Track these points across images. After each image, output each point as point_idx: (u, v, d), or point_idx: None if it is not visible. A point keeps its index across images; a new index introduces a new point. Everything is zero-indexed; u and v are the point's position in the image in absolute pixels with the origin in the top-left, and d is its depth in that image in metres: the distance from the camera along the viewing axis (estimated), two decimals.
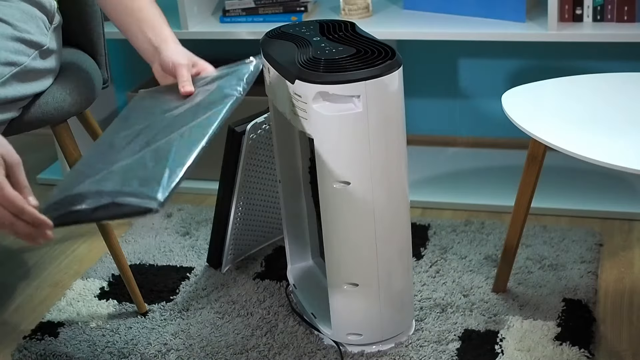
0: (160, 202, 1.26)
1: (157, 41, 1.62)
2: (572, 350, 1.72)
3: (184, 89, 1.55)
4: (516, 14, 2.25)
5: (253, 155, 1.96)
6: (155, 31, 1.63)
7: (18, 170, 1.31)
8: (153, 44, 1.62)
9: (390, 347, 1.77)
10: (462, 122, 2.65)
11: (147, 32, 1.63)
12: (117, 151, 1.44)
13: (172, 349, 1.82)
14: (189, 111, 1.49)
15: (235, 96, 1.49)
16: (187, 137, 1.40)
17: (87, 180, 1.36)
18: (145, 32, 1.63)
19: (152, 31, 1.63)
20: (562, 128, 1.62)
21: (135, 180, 1.31)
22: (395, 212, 1.66)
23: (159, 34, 1.63)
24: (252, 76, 1.56)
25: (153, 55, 1.62)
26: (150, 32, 1.63)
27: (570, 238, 2.10)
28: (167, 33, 1.64)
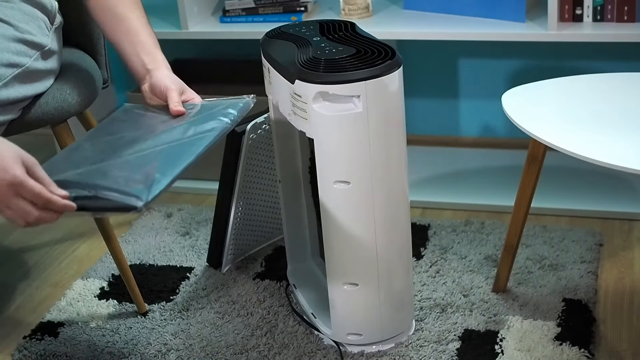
0: (144, 203, 1.28)
1: (151, 65, 1.65)
2: (572, 350, 1.72)
3: (176, 108, 1.57)
4: (516, 14, 2.25)
5: (253, 155, 1.96)
6: (150, 56, 1.66)
7: (37, 169, 1.35)
8: (146, 67, 1.65)
9: (390, 347, 1.78)
10: (462, 122, 2.65)
11: (142, 55, 1.66)
12: (99, 151, 1.46)
13: (172, 349, 1.82)
14: (179, 129, 1.51)
15: (226, 122, 1.51)
16: (176, 149, 1.42)
17: (70, 172, 1.38)
18: (140, 55, 1.66)
19: (147, 55, 1.66)
20: (562, 128, 1.62)
21: (121, 178, 1.33)
22: (395, 212, 1.66)
23: (153, 58, 1.66)
24: (244, 110, 1.58)
25: (144, 76, 1.65)
26: (146, 56, 1.66)
27: (570, 238, 2.10)
28: (160, 58, 1.68)
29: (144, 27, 1.70)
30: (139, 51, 1.67)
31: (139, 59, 1.66)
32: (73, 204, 1.34)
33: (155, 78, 1.63)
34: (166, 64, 1.67)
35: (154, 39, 1.70)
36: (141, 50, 1.67)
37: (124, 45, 1.69)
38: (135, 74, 1.68)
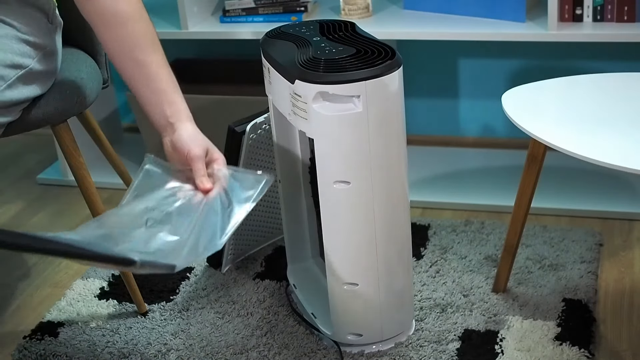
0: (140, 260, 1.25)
1: (173, 118, 1.54)
2: (572, 350, 1.72)
3: (203, 185, 1.48)
4: (516, 14, 2.25)
5: (253, 155, 1.96)
6: (172, 107, 1.54)
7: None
8: (169, 120, 1.54)
9: (390, 347, 1.78)
10: (462, 122, 2.65)
11: (164, 106, 1.55)
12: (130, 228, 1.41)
13: (172, 349, 1.82)
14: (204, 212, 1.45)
15: (245, 213, 1.45)
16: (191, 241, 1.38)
17: None
18: (162, 106, 1.55)
19: (169, 106, 1.54)
20: (562, 128, 1.62)
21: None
22: (395, 212, 1.66)
23: (175, 110, 1.55)
24: (262, 194, 1.49)
25: (165, 129, 1.55)
26: (167, 107, 1.54)
27: (570, 238, 2.10)
28: (182, 108, 1.56)
29: (163, 70, 1.57)
30: (162, 102, 1.55)
31: (162, 110, 1.54)
32: None
33: (178, 136, 1.52)
34: (188, 114, 1.56)
35: (173, 83, 1.57)
36: (163, 100, 1.55)
37: (144, 93, 1.57)
38: (155, 126, 1.58)
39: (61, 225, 2.40)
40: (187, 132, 1.53)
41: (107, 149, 2.25)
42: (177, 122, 1.54)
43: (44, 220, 2.44)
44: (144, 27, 1.57)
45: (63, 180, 2.62)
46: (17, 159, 2.84)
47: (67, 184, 2.58)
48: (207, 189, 1.48)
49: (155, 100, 1.55)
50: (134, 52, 1.55)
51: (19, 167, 2.79)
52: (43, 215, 2.46)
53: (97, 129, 2.19)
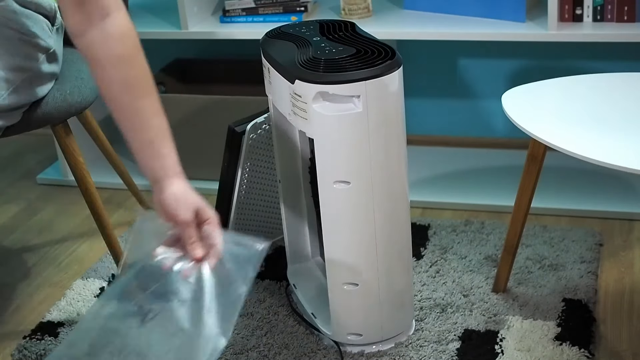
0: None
1: (161, 173, 1.42)
2: (572, 350, 1.72)
3: (194, 254, 1.37)
4: (516, 14, 2.25)
5: (253, 155, 1.96)
6: (160, 160, 1.42)
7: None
8: (156, 175, 1.42)
9: (390, 347, 1.77)
10: (462, 122, 2.64)
11: (152, 159, 1.43)
12: None
13: None
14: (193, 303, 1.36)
15: (243, 295, 1.38)
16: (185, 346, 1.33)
17: None
18: (150, 159, 1.43)
19: (157, 160, 1.42)
20: (562, 128, 1.62)
21: None
22: (395, 212, 1.66)
23: (163, 165, 1.42)
24: (259, 265, 1.41)
25: (154, 185, 1.43)
26: (156, 161, 1.42)
27: (570, 238, 2.10)
28: (170, 162, 1.43)
29: (154, 118, 1.44)
30: (149, 153, 1.43)
31: (148, 162, 1.43)
32: None
33: (165, 198, 1.40)
34: (176, 170, 1.43)
35: (163, 133, 1.44)
36: (151, 153, 1.43)
37: (132, 142, 1.45)
38: (145, 176, 1.46)
39: (61, 225, 2.40)
40: (174, 193, 1.40)
41: (107, 149, 2.25)
42: (164, 179, 1.41)
43: (44, 220, 2.44)
44: (137, 72, 1.45)
45: (63, 180, 2.62)
46: (17, 159, 2.84)
47: (67, 184, 2.58)
48: (198, 257, 1.37)
49: (143, 151, 1.44)
50: (123, 96, 1.44)
51: (19, 167, 2.79)
52: (43, 215, 2.46)
53: (97, 129, 2.19)
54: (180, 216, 1.38)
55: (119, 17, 1.41)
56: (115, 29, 1.41)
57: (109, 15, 1.40)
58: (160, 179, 1.41)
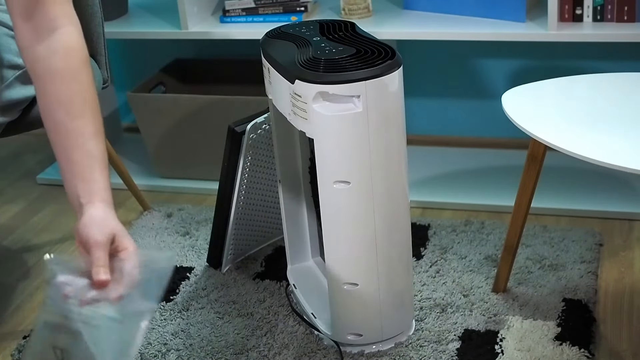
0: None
1: (85, 199, 1.29)
2: (572, 350, 1.72)
3: (96, 276, 1.22)
4: (516, 14, 2.25)
5: (253, 155, 1.96)
6: (86, 185, 1.30)
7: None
8: (79, 200, 1.29)
9: (390, 347, 1.78)
10: (462, 122, 2.64)
11: (77, 181, 1.31)
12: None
13: (172, 349, 1.82)
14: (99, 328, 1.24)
15: (148, 317, 1.26)
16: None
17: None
18: (75, 181, 1.31)
19: (82, 183, 1.30)
20: (562, 128, 1.62)
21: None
22: (395, 212, 1.66)
23: (89, 189, 1.30)
24: (168, 280, 1.30)
25: (77, 212, 1.30)
26: (80, 184, 1.30)
27: (570, 238, 2.10)
28: (97, 187, 1.30)
29: (87, 140, 1.34)
30: (74, 175, 1.32)
31: (72, 185, 1.31)
32: None
33: (83, 219, 1.27)
34: (103, 196, 1.30)
35: (96, 158, 1.33)
36: (77, 175, 1.31)
37: (60, 162, 1.35)
38: (70, 203, 1.33)
39: (61, 225, 2.40)
40: (91, 215, 1.27)
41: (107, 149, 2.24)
42: (87, 204, 1.28)
43: (44, 220, 2.43)
44: (76, 89, 1.35)
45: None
46: (17, 159, 2.84)
47: None
48: (102, 281, 1.23)
49: (70, 173, 1.32)
50: (57, 113, 1.35)
51: (19, 167, 2.79)
52: (43, 215, 2.46)
53: None
54: (92, 237, 1.25)
55: (66, 32, 1.35)
56: (59, 44, 1.34)
57: (57, 29, 1.35)
58: (82, 204, 1.29)
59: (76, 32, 1.38)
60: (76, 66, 1.36)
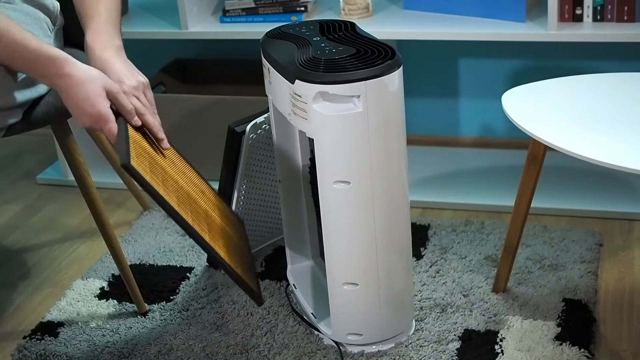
0: None
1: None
2: (572, 350, 1.72)
3: (165, 146, 1.62)
4: (516, 14, 2.25)
5: (253, 155, 1.96)
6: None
7: (120, 98, 1.54)
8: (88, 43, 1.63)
9: (390, 347, 1.78)
10: (462, 122, 2.65)
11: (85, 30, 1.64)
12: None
13: (172, 349, 1.82)
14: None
15: None
16: None
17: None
18: None
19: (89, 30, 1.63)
20: (562, 128, 1.62)
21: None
22: (395, 212, 1.66)
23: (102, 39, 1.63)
24: None
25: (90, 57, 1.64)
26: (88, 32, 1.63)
27: (570, 238, 2.10)
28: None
29: None
30: None
31: None
32: None
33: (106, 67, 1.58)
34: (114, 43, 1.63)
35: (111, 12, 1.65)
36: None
37: None
38: None
39: (61, 225, 2.40)
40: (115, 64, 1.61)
41: (107, 149, 2.25)
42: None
43: (44, 220, 2.44)
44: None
45: (63, 180, 2.62)
46: (17, 159, 2.85)
47: (67, 184, 2.58)
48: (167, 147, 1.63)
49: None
50: None
51: (19, 167, 2.79)
52: (43, 215, 2.46)
53: None
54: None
55: None
56: None
57: None
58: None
59: None
60: None
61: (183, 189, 1.61)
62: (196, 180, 1.70)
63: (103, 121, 1.51)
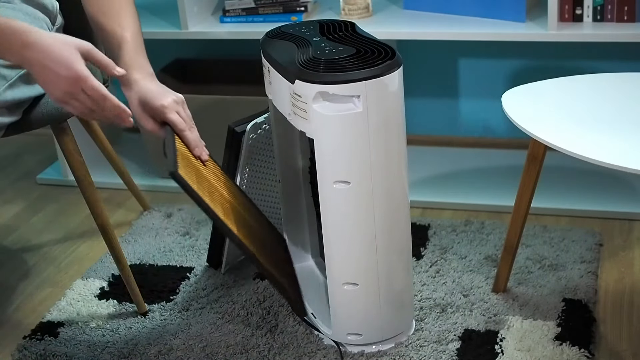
0: None
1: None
2: (572, 350, 1.72)
3: (204, 157, 1.66)
4: (516, 14, 2.25)
5: (253, 155, 1.96)
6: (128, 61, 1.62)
7: (94, 52, 1.47)
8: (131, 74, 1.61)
9: (390, 347, 1.78)
10: (462, 122, 2.65)
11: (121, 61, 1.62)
12: None
13: (172, 349, 1.82)
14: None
15: None
16: None
17: None
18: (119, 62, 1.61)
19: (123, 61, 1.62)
20: (562, 128, 1.62)
21: None
22: (395, 212, 1.66)
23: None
24: None
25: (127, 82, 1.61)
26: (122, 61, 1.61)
27: (570, 238, 2.10)
28: None
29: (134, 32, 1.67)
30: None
31: None
32: (128, 110, 1.49)
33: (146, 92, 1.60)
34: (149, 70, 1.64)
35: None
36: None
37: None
38: None
39: (61, 225, 2.40)
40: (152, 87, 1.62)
41: (107, 149, 2.25)
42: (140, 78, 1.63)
43: (44, 220, 2.44)
44: None
45: (63, 180, 2.62)
46: (17, 159, 2.85)
47: (67, 184, 2.58)
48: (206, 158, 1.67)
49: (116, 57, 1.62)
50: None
51: (19, 167, 2.79)
52: (43, 215, 2.46)
53: (97, 129, 2.20)
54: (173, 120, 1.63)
55: None
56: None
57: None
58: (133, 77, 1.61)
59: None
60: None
61: (229, 202, 1.66)
62: (241, 199, 1.76)
63: (82, 80, 1.44)
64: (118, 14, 1.65)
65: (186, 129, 1.62)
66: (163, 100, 1.58)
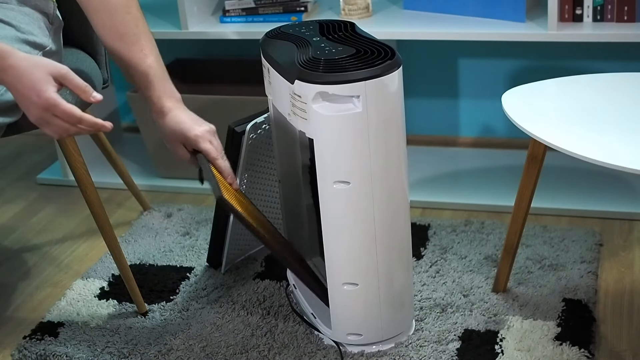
0: None
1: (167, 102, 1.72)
2: (572, 350, 1.72)
3: (236, 186, 1.75)
4: (516, 14, 2.25)
5: (253, 155, 1.96)
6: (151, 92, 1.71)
7: (70, 77, 1.46)
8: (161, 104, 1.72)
9: (390, 347, 1.78)
10: (462, 122, 2.65)
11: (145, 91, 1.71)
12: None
13: (172, 349, 1.82)
14: None
15: None
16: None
17: None
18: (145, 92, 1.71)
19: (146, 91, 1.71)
20: (562, 128, 1.62)
21: None
22: (395, 212, 1.66)
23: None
24: None
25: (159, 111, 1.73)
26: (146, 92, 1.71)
27: (570, 238, 2.10)
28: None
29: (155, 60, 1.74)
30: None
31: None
32: (107, 124, 1.47)
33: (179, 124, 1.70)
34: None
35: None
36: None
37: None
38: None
39: (61, 225, 2.40)
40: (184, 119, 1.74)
41: (107, 149, 2.25)
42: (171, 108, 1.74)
43: (44, 220, 2.44)
44: (129, 19, 1.68)
45: (63, 180, 2.62)
46: (17, 159, 2.85)
47: (67, 184, 2.58)
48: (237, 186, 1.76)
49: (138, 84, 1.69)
50: (115, 43, 1.70)
51: (19, 167, 2.79)
52: (43, 215, 2.46)
53: None
54: (208, 150, 1.74)
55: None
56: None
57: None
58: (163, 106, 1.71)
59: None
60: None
61: (264, 223, 1.77)
62: (263, 218, 1.86)
63: (52, 107, 1.44)
64: (138, 38, 1.69)
65: (219, 157, 1.70)
66: (197, 131, 1.67)
